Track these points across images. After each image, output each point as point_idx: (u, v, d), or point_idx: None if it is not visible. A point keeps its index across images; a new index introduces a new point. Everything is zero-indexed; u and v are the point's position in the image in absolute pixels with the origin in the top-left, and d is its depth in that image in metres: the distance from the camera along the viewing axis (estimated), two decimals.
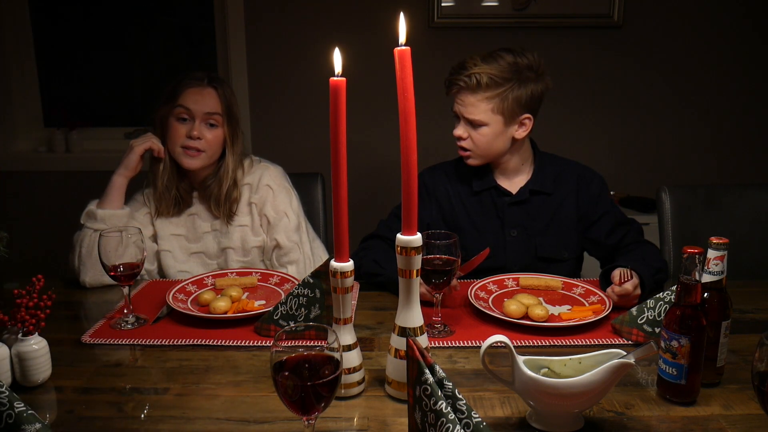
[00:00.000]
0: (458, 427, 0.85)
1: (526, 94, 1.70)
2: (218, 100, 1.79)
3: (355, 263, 1.16)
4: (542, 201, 1.81)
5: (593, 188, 1.83)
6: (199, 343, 1.41)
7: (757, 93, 3.09)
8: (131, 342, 1.42)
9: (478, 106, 1.70)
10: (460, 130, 1.76)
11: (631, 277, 1.52)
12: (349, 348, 1.19)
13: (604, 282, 1.61)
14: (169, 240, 1.86)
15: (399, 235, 1.13)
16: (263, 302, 1.59)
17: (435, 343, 1.40)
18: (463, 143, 1.77)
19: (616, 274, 1.54)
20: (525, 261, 1.80)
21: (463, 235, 1.74)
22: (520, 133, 1.76)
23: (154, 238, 1.87)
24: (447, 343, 1.40)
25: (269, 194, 1.86)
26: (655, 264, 1.63)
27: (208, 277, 1.71)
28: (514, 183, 1.83)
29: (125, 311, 1.50)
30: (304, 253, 1.85)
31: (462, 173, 1.87)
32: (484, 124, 1.72)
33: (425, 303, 1.31)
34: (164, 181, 1.82)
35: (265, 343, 1.41)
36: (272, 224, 1.85)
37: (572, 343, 1.40)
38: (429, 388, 0.89)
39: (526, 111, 1.73)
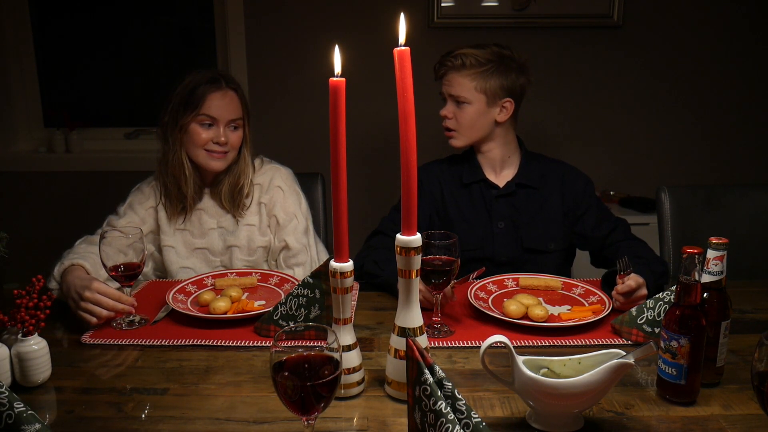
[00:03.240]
0: (458, 427, 0.85)
1: (508, 80, 1.81)
2: (239, 103, 1.80)
3: (358, 262, 1.17)
4: (528, 195, 1.87)
5: (578, 185, 1.88)
6: (199, 343, 1.41)
7: (756, 93, 3.08)
8: (131, 342, 1.42)
9: (463, 84, 1.81)
10: (445, 110, 1.86)
11: (628, 267, 1.52)
12: (348, 348, 1.19)
13: (606, 285, 1.61)
14: (174, 235, 1.85)
15: (399, 236, 1.13)
16: (263, 302, 1.59)
17: (435, 343, 1.40)
18: (448, 123, 1.87)
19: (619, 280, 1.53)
20: (512, 252, 1.85)
21: (453, 227, 1.82)
22: (502, 116, 1.84)
23: (157, 232, 1.86)
24: (447, 343, 1.40)
25: (279, 195, 1.87)
26: (657, 269, 1.63)
27: (207, 277, 1.71)
28: (501, 177, 1.90)
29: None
30: (311, 256, 1.86)
31: (453, 168, 1.93)
32: (468, 102, 1.81)
33: (424, 308, 1.31)
34: (191, 185, 1.81)
35: (265, 343, 1.41)
36: (281, 225, 1.85)
37: (572, 343, 1.40)
38: (429, 388, 0.89)
39: (508, 95, 1.82)
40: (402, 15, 1.08)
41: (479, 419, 0.87)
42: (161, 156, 1.83)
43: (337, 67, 1.10)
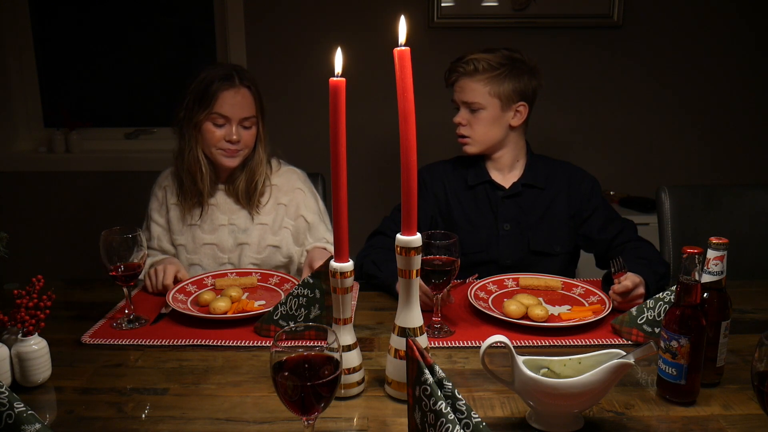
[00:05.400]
0: (458, 427, 0.85)
1: (521, 83, 1.79)
2: (253, 100, 1.79)
3: (358, 262, 1.17)
4: (535, 195, 1.85)
5: (585, 186, 1.86)
6: (199, 343, 1.41)
7: (756, 93, 3.08)
8: (131, 342, 1.42)
9: (476, 89, 1.79)
10: (459, 117, 1.83)
11: (623, 267, 1.52)
12: (348, 348, 1.19)
13: (607, 286, 1.61)
14: (184, 233, 1.86)
15: (399, 236, 1.13)
16: (263, 302, 1.59)
17: (435, 343, 1.40)
18: (462, 130, 1.84)
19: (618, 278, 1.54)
20: (518, 255, 1.83)
21: (457, 229, 1.79)
22: (516, 120, 1.82)
23: (169, 236, 1.88)
24: (447, 343, 1.40)
25: (302, 197, 1.90)
26: (659, 270, 1.63)
27: (207, 277, 1.71)
28: (507, 178, 1.88)
29: (125, 311, 1.50)
30: None
31: (458, 170, 1.91)
32: (482, 108, 1.79)
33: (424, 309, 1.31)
34: (208, 182, 1.83)
35: (265, 343, 1.41)
36: (312, 225, 1.89)
37: (572, 343, 1.40)
38: (429, 388, 0.89)
39: (521, 99, 1.80)
40: (403, 17, 1.08)
41: (479, 419, 0.87)
42: (177, 152, 1.85)
43: (338, 67, 1.10)
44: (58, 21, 3.20)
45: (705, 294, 1.18)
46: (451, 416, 0.86)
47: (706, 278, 1.18)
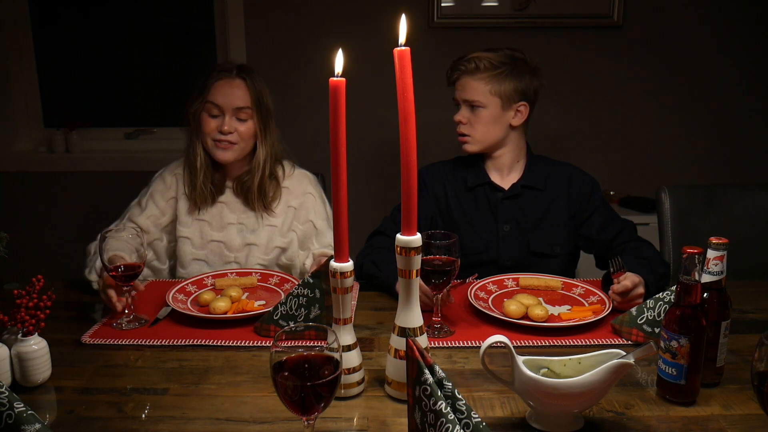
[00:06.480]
0: (458, 427, 0.85)
1: (522, 83, 1.79)
2: (247, 92, 1.80)
3: (358, 262, 1.17)
4: (535, 196, 1.85)
5: (584, 187, 1.86)
6: (198, 343, 1.41)
7: (756, 93, 3.08)
8: (131, 342, 1.42)
9: (477, 88, 1.79)
10: (459, 116, 1.84)
11: (622, 266, 1.52)
12: (348, 348, 1.19)
13: (607, 286, 1.61)
14: (191, 226, 1.86)
15: (399, 236, 1.13)
16: (263, 302, 1.59)
17: (434, 343, 1.40)
18: (462, 128, 1.84)
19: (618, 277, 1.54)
20: (518, 256, 1.83)
21: (457, 230, 1.79)
22: (516, 120, 1.82)
23: (173, 225, 1.87)
24: (447, 343, 1.40)
25: (312, 201, 1.91)
26: (659, 270, 1.63)
27: (207, 277, 1.71)
28: (507, 180, 1.88)
29: (125, 311, 1.50)
30: None
31: (458, 171, 1.91)
32: (483, 106, 1.79)
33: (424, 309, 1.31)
34: (201, 177, 1.83)
35: (265, 343, 1.41)
36: (320, 231, 1.89)
37: (572, 343, 1.41)
38: (429, 388, 0.89)
39: (522, 99, 1.80)
40: (403, 16, 1.08)
41: (479, 419, 0.87)
42: (186, 146, 1.87)
43: (338, 67, 1.10)
44: (59, 21, 3.20)
45: (705, 294, 1.18)
46: (451, 416, 0.86)
47: (706, 278, 1.18)
